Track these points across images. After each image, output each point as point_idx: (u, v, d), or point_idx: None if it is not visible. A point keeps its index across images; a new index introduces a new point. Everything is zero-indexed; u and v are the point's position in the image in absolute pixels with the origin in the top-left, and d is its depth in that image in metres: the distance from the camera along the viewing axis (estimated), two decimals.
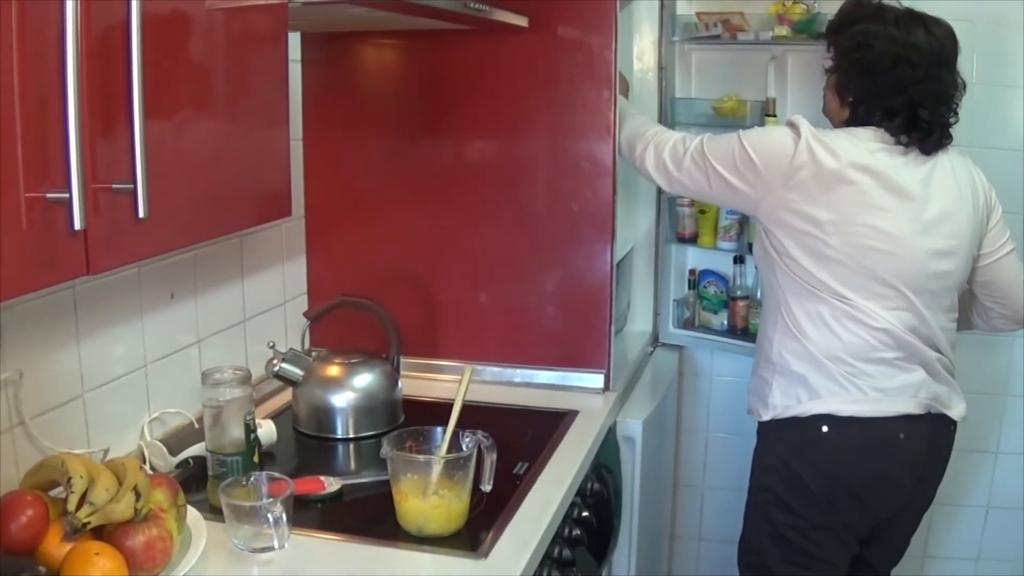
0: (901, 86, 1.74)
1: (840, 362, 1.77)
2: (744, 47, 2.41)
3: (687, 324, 2.60)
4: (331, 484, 1.60)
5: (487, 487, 1.51)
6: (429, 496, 1.43)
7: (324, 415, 1.88)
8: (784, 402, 1.84)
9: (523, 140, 2.11)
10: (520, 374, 2.18)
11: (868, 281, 1.75)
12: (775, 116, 2.33)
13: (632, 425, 2.10)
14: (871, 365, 1.77)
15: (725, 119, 2.40)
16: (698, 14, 2.41)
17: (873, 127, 1.77)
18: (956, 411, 1.86)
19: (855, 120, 1.81)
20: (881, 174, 1.73)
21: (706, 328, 2.57)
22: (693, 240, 2.52)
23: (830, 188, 1.72)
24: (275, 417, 1.90)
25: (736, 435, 2.66)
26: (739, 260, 2.47)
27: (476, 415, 1.59)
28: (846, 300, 1.76)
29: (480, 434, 1.49)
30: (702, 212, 2.47)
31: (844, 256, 1.74)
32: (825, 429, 1.78)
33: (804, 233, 1.75)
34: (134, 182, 1.01)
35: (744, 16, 2.35)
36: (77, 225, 0.93)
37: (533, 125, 2.09)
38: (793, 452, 1.83)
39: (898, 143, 1.76)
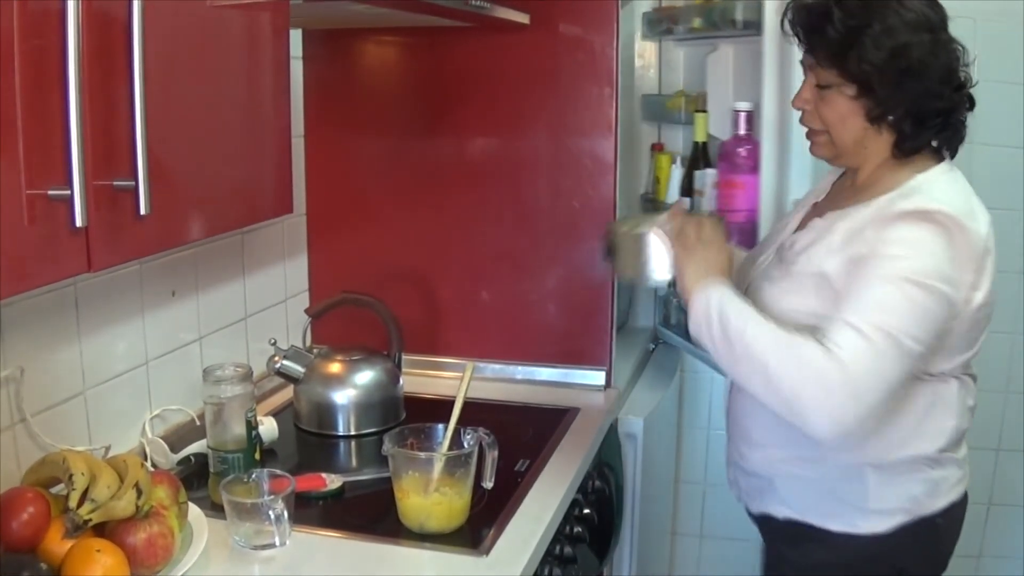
0: (949, 71, 1.43)
1: (947, 449, 1.51)
2: (698, 41, 2.39)
3: (665, 321, 2.59)
4: (332, 481, 1.60)
5: (488, 484, 1.51)
6: (430, 493, 1.43)
7: (325, 412, 1.88)
8: (901, 504, 1.49)
9: (524, 137, 2.11)
10: (521, 371, 2.18)
11: (971, 351, 1.50)
12: (705, 112, 2.28)
13: (633, 422, 2.10)
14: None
15: (677, 113, 2.42)
16: (655, 10, 2.43)
17: (933, 158, 1.48)
18: None
19: (904, 139, 1.45)
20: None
21: (680, 328, 2.52)
22: None
23: (981, 263, 1.42)
24: (276, 414, 1.91)
25: None
26: None
27: (477, 412, 1.59)
28: (955, 378, 1.50)
29: (481, 431, 1.49)
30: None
31: (964, 332, 1.45)
32: (940, 521, 1.52)
33: None
34: (135, 179, 1.01)
35: (675, 9, 2.35)
36: (78, 222, 0.93)
37: (534, 122, 2.09)
38: (915, 558, 1.54)
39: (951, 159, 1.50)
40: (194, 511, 1.39)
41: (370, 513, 1.55)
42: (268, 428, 1.76)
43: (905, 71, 1.39)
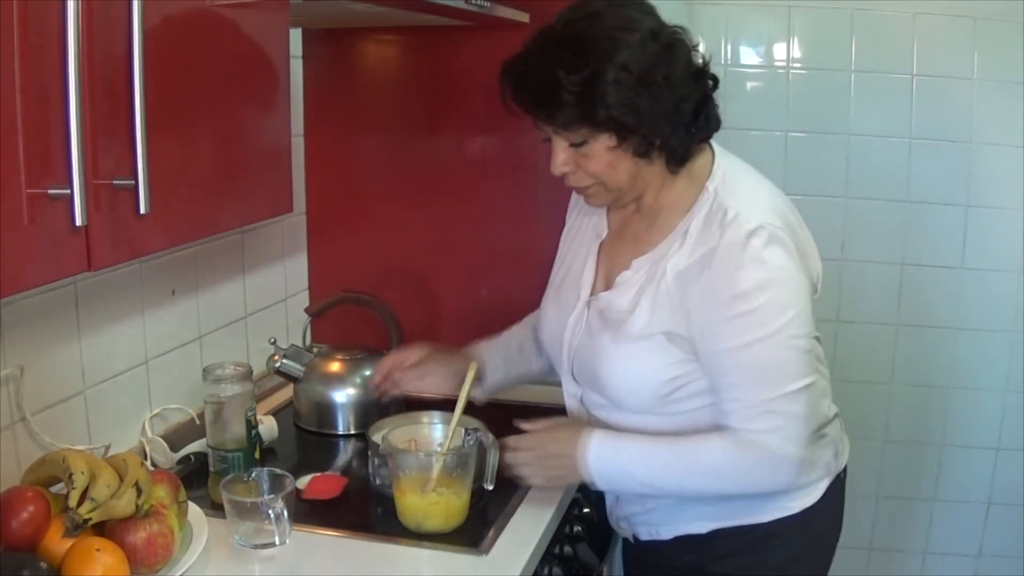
0: (688, 65, 1.36)
1: (829, 411, 1.53)
2: None
3: None
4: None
5: (490, 485, 1.51)
6: (428, 493, 1.43)
7: (325, 411, 1.88)
8: (820, 472, 1.49)
9: (524, 136, 2.08)
10: None
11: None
12: None
13: None
14: None
15: None
16: None
17: (701, 152, 1.43)
18: None
19: (675, 154, 1.38)
20: None
21: None
22: None
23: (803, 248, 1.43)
24: (276, 413, 1.91)
25: None
26: None
27: (478, 412, 1.59)
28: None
29: (481, 431, 1.49)
30: None
31: None
32: (842, 476, 1.57)
33: None
34: (135, 178, 1.01)
35: None
36: (78, 221, 0.93)
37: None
38: (835, 517, 1.58)
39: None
40: (194, 510, 1.39)
41: (370, 512, 1.55)
42: (268, 427, 1.76)
43: (655, 95, 1.31)
